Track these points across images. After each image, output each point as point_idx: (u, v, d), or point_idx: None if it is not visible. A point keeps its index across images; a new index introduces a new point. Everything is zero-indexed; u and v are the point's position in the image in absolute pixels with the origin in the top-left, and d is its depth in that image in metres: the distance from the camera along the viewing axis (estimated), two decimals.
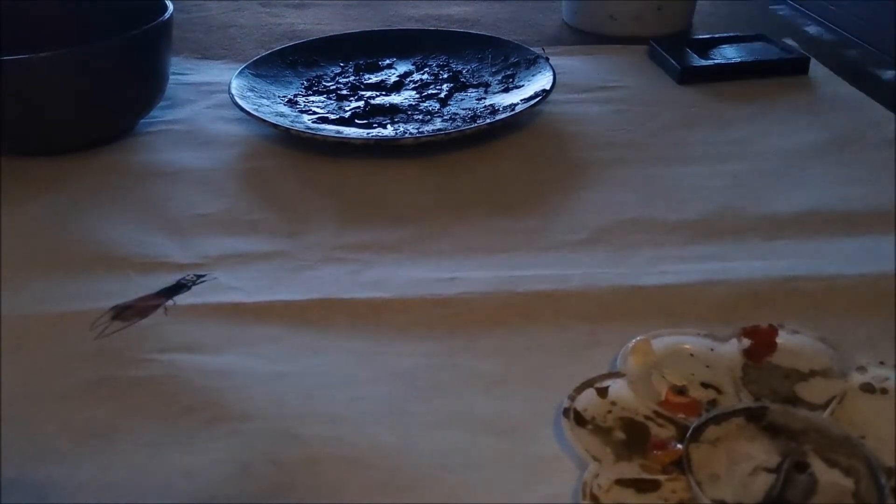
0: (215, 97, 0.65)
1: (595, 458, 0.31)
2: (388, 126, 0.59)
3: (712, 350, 0.37)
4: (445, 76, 0.67)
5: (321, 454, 0.33)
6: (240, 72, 0.64)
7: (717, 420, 0.33)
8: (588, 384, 0.35)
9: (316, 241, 0.47)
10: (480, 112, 0.60)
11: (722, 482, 0.30)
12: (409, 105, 0.62)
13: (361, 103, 0.62)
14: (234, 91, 0.60)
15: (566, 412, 0.33)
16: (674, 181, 0.53)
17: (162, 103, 0.62)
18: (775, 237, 0.46)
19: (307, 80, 0.66)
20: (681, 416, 0.33)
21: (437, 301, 0.41)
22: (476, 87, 0.65)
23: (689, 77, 0.67)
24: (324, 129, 0.58)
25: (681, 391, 0.34)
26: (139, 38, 0.55)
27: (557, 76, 0.63)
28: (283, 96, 0.63)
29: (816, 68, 0.68)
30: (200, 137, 0.60)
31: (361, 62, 0.69)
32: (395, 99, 0.63)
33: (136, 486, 0.32)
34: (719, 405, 0.34)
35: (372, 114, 0.61)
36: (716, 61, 0.68)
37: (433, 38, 0.72)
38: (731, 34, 0.74)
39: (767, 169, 0.54)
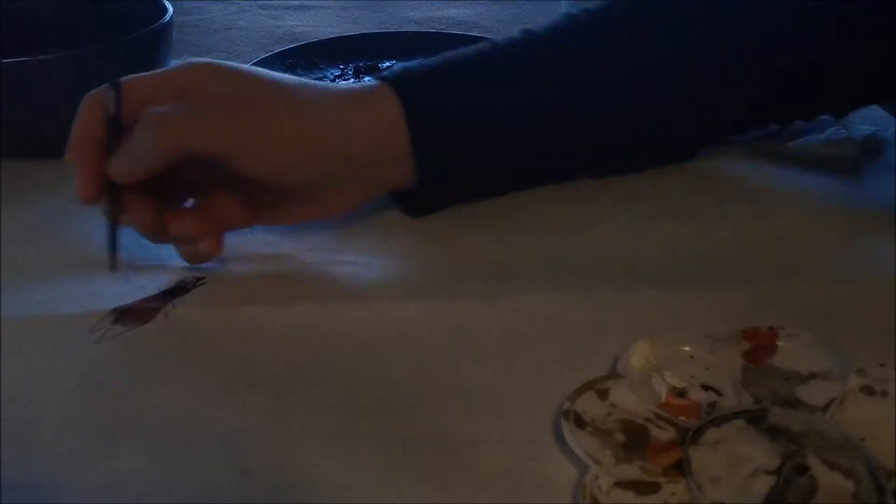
0: None
1: (595, 461, 0.31)
2: None
3: (712, 352, 0.37)
4: None
5: (320, 457, 0.33)
6: None
7: (718, 422, 0.33)
8: (588, 386, 0.35)
9: (316, 244, 0.47)
10: None
11: (722, 484, 0.30)
12: None
13: None
14: None
15: (566, 414, 0.33)
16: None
17: None
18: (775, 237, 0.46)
19: None
20: (681, 418, 0.33)
21: (437, 304, 0.41)
22: None
23: None
24: None
25: (681, 393, 0.34)
26: (139, 41, 0.55)
27: None
28: None
29: None
30: None
31: (361, 65, 0.69)
32: None
33: (136, 487, 0.32)
34: (719, 407, 0.34)
35: None
36: None
37: (433, 40, 0.72)
38: None
39: None
